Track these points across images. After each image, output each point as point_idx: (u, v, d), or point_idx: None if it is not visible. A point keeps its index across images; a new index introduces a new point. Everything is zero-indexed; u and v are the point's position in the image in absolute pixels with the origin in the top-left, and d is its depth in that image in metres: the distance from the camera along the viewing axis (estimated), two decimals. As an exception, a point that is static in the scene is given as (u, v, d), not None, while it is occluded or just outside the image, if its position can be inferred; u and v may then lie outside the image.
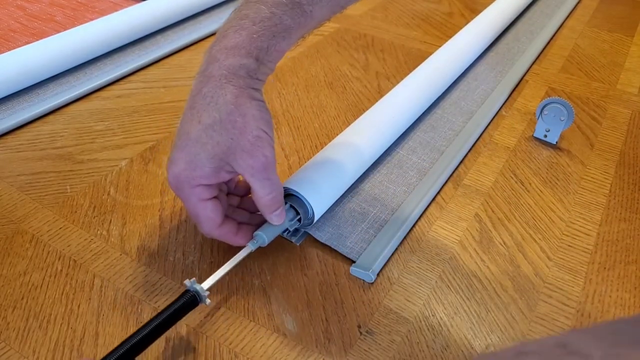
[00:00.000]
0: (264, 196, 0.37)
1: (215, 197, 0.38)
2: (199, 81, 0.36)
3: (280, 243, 0.43)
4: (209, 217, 0.37)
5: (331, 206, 0.46)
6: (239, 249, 0.39)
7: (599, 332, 0.19)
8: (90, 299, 0.39)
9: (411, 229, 0.46)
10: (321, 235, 0.44)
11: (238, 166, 0.36)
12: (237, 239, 0.39)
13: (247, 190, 0.43)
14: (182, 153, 0.36)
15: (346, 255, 0.42)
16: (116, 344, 0.35)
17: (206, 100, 0.35)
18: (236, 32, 0.36)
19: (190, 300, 0.35)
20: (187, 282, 0.35)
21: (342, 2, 0.41)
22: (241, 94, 0.35)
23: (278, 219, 0.39)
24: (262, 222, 0.41)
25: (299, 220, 0.42)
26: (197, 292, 0.35)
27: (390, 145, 0.54)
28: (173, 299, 0.39)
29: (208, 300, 0.35)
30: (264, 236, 0.39)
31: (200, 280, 0.36)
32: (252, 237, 0.39)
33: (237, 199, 0.43)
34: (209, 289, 0.35)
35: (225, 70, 0.35)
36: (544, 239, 0.45)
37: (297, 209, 0.41)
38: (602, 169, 0.54)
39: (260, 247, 0.40)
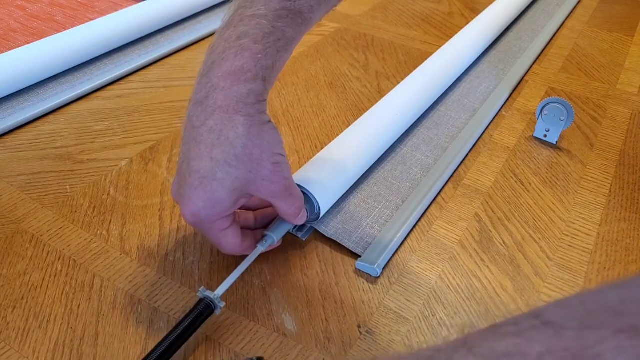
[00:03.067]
0: (288, 210, 0.38)
1: (233, 222, 0.37)
2: (200, 112, 0.34)
3: (281, 243, 0.43)
4: (232, 243, 0.37)
5: (337, 202, 0.46)
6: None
7: (569, 305, 0.20)
8: (90, 299, 0.39)
9: (414, 227, 0.46)
10: (327, 230, 0.44)
11: (259, 193, 0.35)
12: (248, 249, 0.39)
13: (261, 205, 0.43)
14: (198, 191, 0.34)
15: (352, 249, 0.43)
16: (116, 343, 0.36)
17: (214, 135, 0.33)
18: (237, 55, 0.33)
19: (205, 310, 0.35)
20: (200, 291, 0.35)
21: (334, 1, 0.39)
22: (253, 124, 0.33)
23: (301, 220, 0.40)
24: (265, 223, 0.42)
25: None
26: (211, 300, 0.35)
27: (395, 142, 0.54)
28: (173, 299, 0.39)
29: (218, 311, 0.36)
30: (274, 236, 0.40)
31: (205, 284, 0.36)
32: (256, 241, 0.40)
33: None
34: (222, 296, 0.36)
35: (233, 100, 0.33)
36: (544, 239, 0.45)
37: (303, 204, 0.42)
38: (602, 169, 0.54)
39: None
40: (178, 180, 0.36)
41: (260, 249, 0.39)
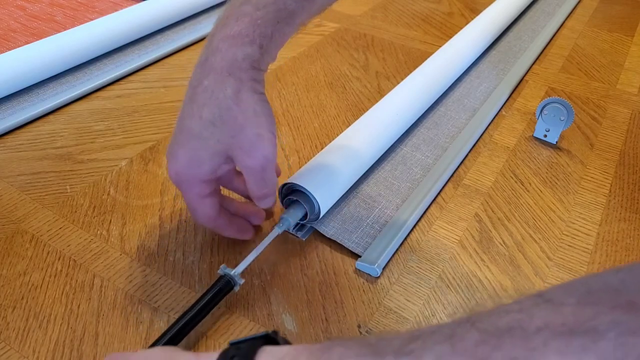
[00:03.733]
0: (257, 192, 0.37)
1: (213, 191, 0.38)
2: (199, 72, 0.35)
3: (280, 242, 0.43)
4: (207, 213, 0.38)
5: (337, 202, 0.46)
6: (239, 248, 0.39)
7: (572, 285, 0.21)
8: (90, 299, 0.39)
9: (413, 227, 0.46)
10: (327, 230, 0.44)
11: (237, 161, 0.36)
12: (230, 231, 0.40)
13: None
14: (183, 149, 0.35)
15: (352, 249, 0.43)
16: (116, 343, 0.36)
17: (207, 94, 0.34)
18: (238, 20, 0.34)
19: (225, 286, 0.36)
20: (221, 268, 0.37)
21: None
22: (242, 88, 0.34)
23: (266, 204, 0.39)
24: (253, 213, 0.43)
25: (305, 215, 0.42)
26: (231, 277, 0.36)
27: (395, 142, 0.54)
28: (173, 299, 0.39)
29: (237, 287, 0.37)
30: (290, 219, 0.41)
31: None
32: (248, 231, 0.41)
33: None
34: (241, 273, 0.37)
35: (228, 62, 0.34)
36: (544, 239, 0.45)
37: (304, 204, 0.42)
38: (602, 169, 0.54)
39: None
40: (171, 138, 0.37)
41: (277, 231, 0.40)
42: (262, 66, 0.35)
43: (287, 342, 0.26)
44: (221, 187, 0.42)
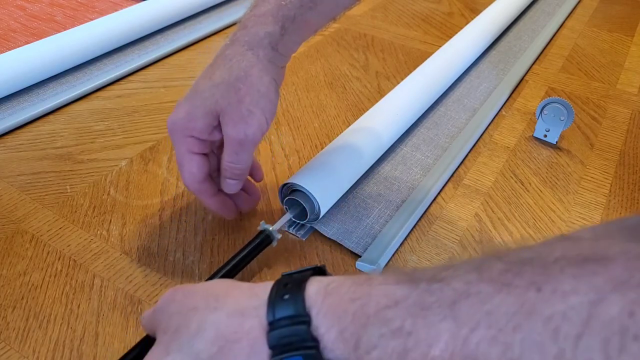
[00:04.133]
0: (226, 161, 0.38)
1: (204, 155, 0.39)
2: (225, 44, 0.38)
3: (279, 242, 0.43)
4: (192, 172, 0.39)
5: (337, 202, 0.46)
6: (237, 248, 0.39)
7: (592, 227, 0.24)
8: (90, 299, 0.39)
9: (414, 227, 0.46)
10: (327, 230, 0.44)
11: (223, 130, 0.37)
12: (213, 201, 0.40)
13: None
14: (185, 102, 0.37)
15: (352, 249, 0.43)
16: (116, 343, 0.36)
17: (224, 61, 0.37)
18: (265, 1, 0.38)
19: (265, 239, 0.39)
20: (261, 224, 0.40)
21: None
22: (257, 65, 0.36)
23: (229, 188, 0.40)
24: (244, 197, 0.44)
25: (305, 215, 0.42)
26: (270, 232, 0.39)
27: (395, 142, 0.54)
28: (173, 299, 0.39)
29: (275, 242, 0.40)
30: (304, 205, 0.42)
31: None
32: (231, 211, 0.42)
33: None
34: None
35: (250, 37, 0.37)
36: (544, 239, 0.45)
37: (303, 204, 0.42)
38: (602, 169, 0.54)
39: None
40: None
41: (288, 216, 0.42)
42: (281, 49, 0.38)
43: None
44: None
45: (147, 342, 0.31)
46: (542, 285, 0.20)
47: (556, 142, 0.56)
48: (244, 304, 0.26)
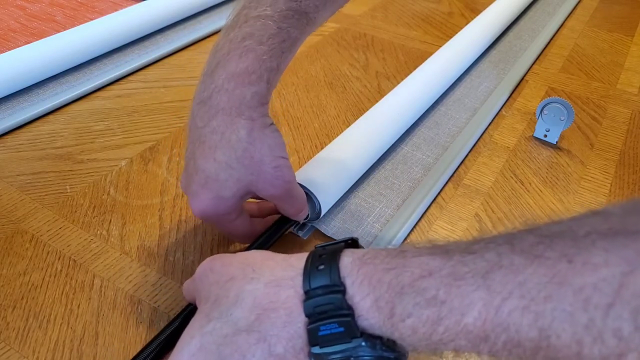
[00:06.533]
0: (289, 210, 0.38)
1: (240, 212, 0.37)
2: (204, 112, 0.34)
3: (280, 241, 0.43)
4: (240, 232, 0.38)
5: (337, 201, 0.46)
6: (240, 249, 0.39)
7: (621, 203, 0.24)
8: (90, 299, 0.39)
9: (414, 226, 0.46)
10: (328, 229, 0.44)
11: (261, 193, 0.36)
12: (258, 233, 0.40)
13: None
14: (204, 190, 0.35)
15: None
16: (116, 343, 0.36)
17: (217, 136, 0.33)
18: (242, 56, 0.33)
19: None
20: None
21: (340, 1, 0.40)
22: (254, 127, 0.34)
23: (301, 218, 0.40)
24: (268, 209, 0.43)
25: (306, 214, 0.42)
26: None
27: (395, 142, 0.54)
28: (173, 298, 0.39)
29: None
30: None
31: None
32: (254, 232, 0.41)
33: None
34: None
35: (236, 103, 0.33)
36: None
37: None
38: (602, 168, 0.54)
39: None
40: (186, 175, 0.36)
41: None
42: (269, 98, 0.35)
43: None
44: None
45: (190, 311, 0.33)
46: (573, 257, 0.20)
47: (556, 142, 0.56)
48: (280, 274, 0.28)
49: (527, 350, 0.21)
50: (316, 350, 0.25)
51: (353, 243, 0.29)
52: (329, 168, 0.45)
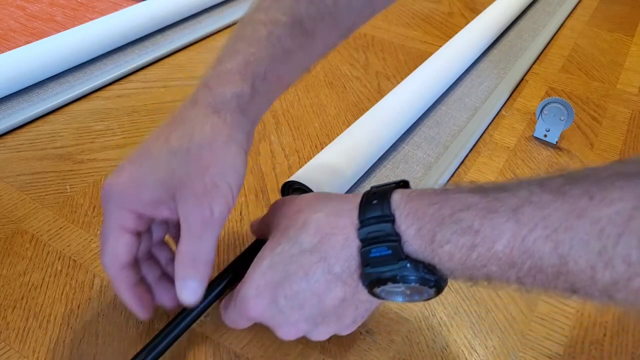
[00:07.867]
0: (184, 251, 0.30)
1: (137, 234, 0.32)
2: (184, 105, 0.32)
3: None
4: (117, 253, 0.31)
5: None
6: (240, 248, 0.39)
7: None
8: (90, 299, 0.39)
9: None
10: None
11: (180, 207, 0.30)
12: (130, 293, 0.32)
13: None
14: (131, 165, 0.31)
15: None
16: (116, 343, 0.36)
17: (183, 123, 0.31)
18: (231, 57, 0.32)
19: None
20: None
21: (348, 23, 0.38)
22: (223, 130, 0.31)
23: (188, 294, 0.31)
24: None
25: None
26: (306, 187, 0.41)
27: (396, 141, 0.54)
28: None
29: None
30: None
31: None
32: (148, 308, 0.33)
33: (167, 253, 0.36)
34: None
35: (215, 99, 0.31)
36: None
37: None
38: (602, 168, 0.54)
39: None
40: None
41: None
42: (251, 111, 0.33)
43: None
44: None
45: (259, 243, 0.36)
46: (594, 194, 0.23)
47: (556, 142, 0.56)
48: (339, 207, 0.31)
49: (549, 276, 0.24)
50: (368, 270, 0.29)
51: (404, 184, 0.32)
52: (330, 167, 0.45)
